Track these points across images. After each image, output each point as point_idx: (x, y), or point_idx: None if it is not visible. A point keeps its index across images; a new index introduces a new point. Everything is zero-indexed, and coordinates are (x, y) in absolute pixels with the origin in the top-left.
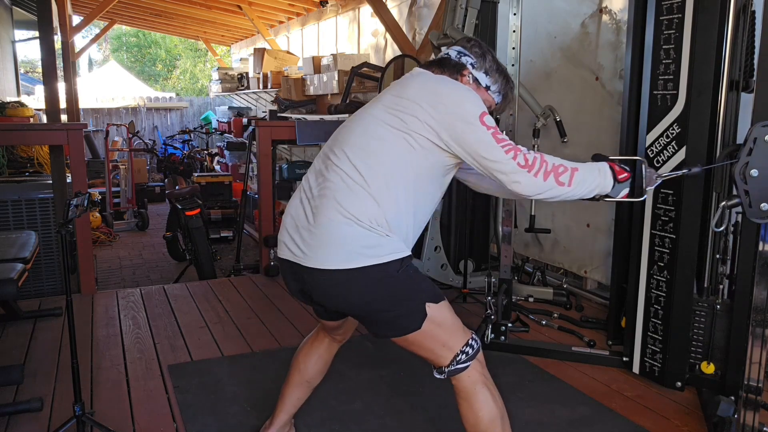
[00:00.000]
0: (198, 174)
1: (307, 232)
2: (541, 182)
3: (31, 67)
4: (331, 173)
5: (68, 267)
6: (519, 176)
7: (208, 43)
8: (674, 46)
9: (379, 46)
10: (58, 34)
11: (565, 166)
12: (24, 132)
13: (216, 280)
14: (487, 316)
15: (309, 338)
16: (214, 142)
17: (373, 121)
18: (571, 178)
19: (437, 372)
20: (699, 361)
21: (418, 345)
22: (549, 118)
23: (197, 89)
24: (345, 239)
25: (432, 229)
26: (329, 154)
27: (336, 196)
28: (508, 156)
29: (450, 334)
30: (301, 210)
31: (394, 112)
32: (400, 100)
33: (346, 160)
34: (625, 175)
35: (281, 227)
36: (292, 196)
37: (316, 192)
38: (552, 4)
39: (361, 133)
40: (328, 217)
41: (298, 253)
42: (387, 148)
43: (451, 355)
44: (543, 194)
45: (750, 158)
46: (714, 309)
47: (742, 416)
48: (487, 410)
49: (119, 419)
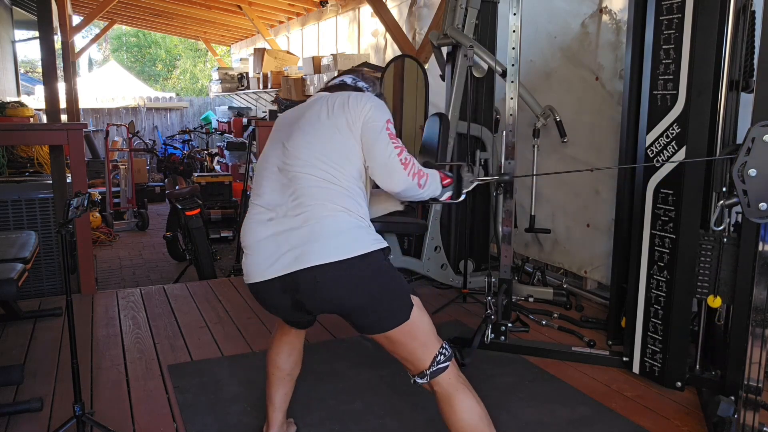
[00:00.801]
0: (198, 174)
1: (300, 230)
2: (410, 181)
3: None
4: (302, 181)
5: (68, 267)
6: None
7: (208, 43)
8: (674, 46)
9: (379, 46)
10: (58, 34)
11: (423, 170)
12: (24, 132)
13: (216, 280)
14: (487, 316)
15: (275, 334)
16: (214, 142)
17: (320, 130)
18: (426, 182)
19: (419, 377)
20: (705, 296)
21: (401, 345)
22: (549, 118)
23: (197, 89)
24: (342, 229)
25: (432, 229)
26: (287, 168)
27: (318, 196)
28: (396, 152)
29: (427, 335)
30: (275, 226)
31: (332, 118)
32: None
33: (311, 166)
34: (448, 181)
35: (251, 257)
36: (248, 223)
37: (290, 204)
38: (552, 4)
39: (312, 140)
40: (319, 214)
41: (288, 262)
42: (342, 149)
43: (431, 356)
44: (405, 191)
45: (748, 158)
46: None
47: (742, 416)
48: (469, 411)
49: (119, 419)
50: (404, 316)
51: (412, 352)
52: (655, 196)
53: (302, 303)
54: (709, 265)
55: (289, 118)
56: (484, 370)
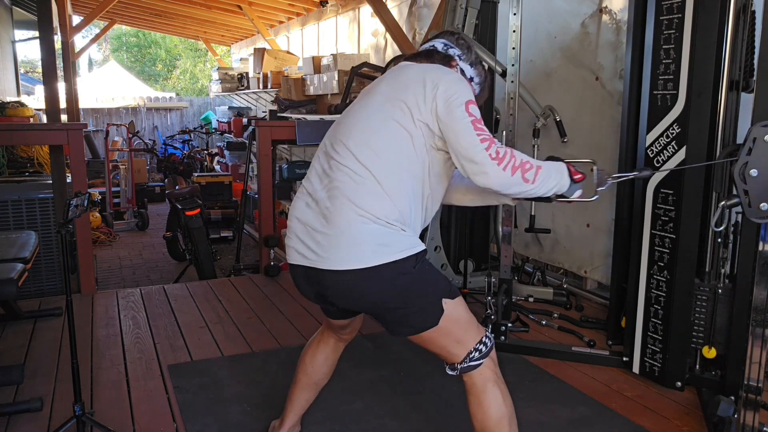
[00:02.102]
0: (198, 174)
1: (321, 235)
2: (509, 176)
3: (31, 67)
4: (337, 172)
5: (68, 267)
6: (488, 167)
7: (208, 43)
8: (674, 46)
9: (379, 46)
10: (58, 34)
11: (531, 163)
12: (24, 132)
13: (216, 280)
14: (487, 316)
15: (314, 339)
16: (214, 142)
17: (374, 114)
18: (536, 175)
19: (449, 368)
20: (700, 346)
21: (432, 342)
22: (549, 118)
23: (197, 89)
24: (362, 238)
25: (432, 229)
26: (331, 153)
27: (348, 195)
28: (483, 145)
29: (464, 331)
30: (310, 214)
31: (393, 101)
32: (397, 89)
33: (351, 157)
34: (579, 176)
35: (288, 232)
36: (295, 199)
37: (323, 194)
38: (552, 4)
39: (363, 127)
40: (344, 218)
41: (311, 257)
42: (392, 139)
43: (465, 352)
44: (509, 189)
45: (749, 158)
46: (716, 294)
47: (742, 416)
48: (495, 409)
49: (119, 419)
50: (430, 322)
51: (444, 347)
52: (655, 196)
53: (325, 296)
54: (704, 315)
55: (365, 91)
56: None
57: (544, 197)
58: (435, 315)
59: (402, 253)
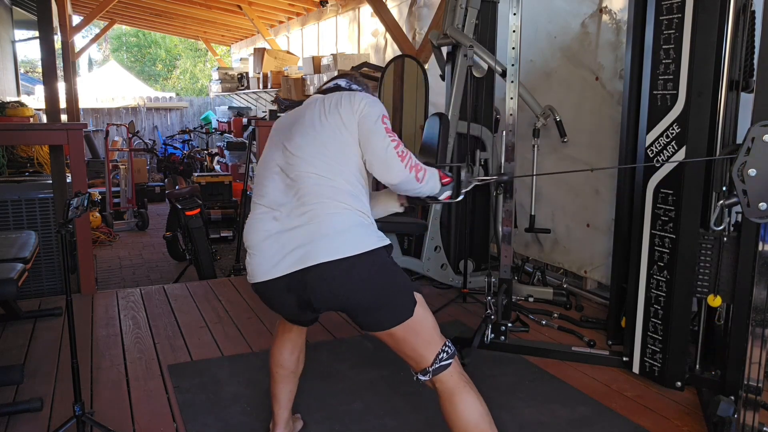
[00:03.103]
0: (198, 174)
1: (304, 232)
2: (407, 174)
3: (31, 67)
4: (305, 181)
5: (68, 267)
6: (395, 165)
7: (208, 43)
8: (674, 46)
9: (379, 46)
10: (58, 34)
11: (420, 165)
12: (24, 132)
13: (216, 280)
14: (487, 316)
15: (277, 333)
16: (214, 142)
17: (316, 130)
18: (424, 176)
19: (421, 374)
20: (705, 295)
21: (404, 341)
22: (549, 118)
23: (197, 89)
24: (348, 226)
25: (432, 229)
26: (288, 169)
27: (322, 194)
28: (392, 145)
29: (432, 331)
30: (280, 225)
31: (331, 118)
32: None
33: (312, 165)
34: (447, 180)
35: (255, 252)
36: (254, 222)
37: (294, 203)
38: (552, 4)
39: (310, 141)
40: (324, 211)
41: (294, 260)
42: (339, 147)
43: (434, 353)
44: (405, 185)
45: (748, 158)
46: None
47: (742, 416)
48: (471, 409)
49: (119, 419)
50: (408, 313)
51: (415, 349)
52: (655, 196)
53: (309, 301)
54: (709, 264)
55: (287, 120)
56: (484, 370)
57: (419, 198)
58: (410, 305)
59: (378, 242)
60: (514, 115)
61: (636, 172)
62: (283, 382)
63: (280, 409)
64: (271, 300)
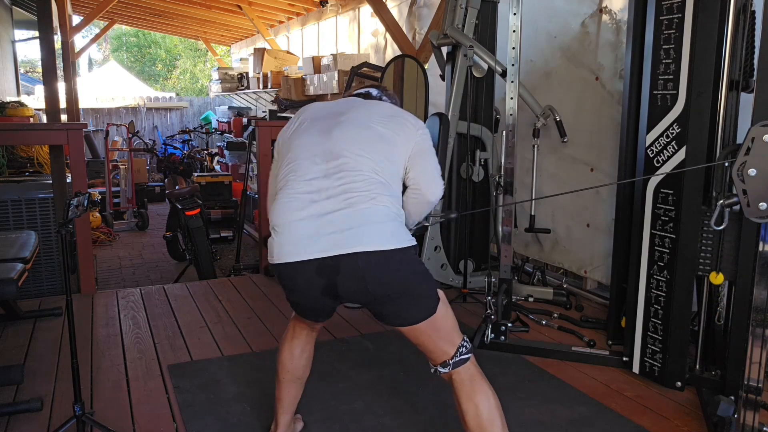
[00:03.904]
0: (198, 174)
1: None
2: (441, 189)
3: (31, 67)
4: (351, 169)
5: (68, 267)
6: (439, 184)
7: (208, 43)
8: (674, 46)
9: (379, 46)
10: (58, 34)
11: None
12: (24, 132)
13: (216, 280)
14: (487, 316)
15: (287, 336)
16: (214, 142)
17: (371, 129)
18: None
19: (441, 366)
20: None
21: (426, 336)
22: (549, 118)
23: (197, 89)
24: (390, 220)
25: (432, 229)
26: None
27: (366, 185)
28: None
29: (453, 326)
30: (318, 208)
31: (384, 126)
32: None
33: (361, 158)
34: None
35: (282, 235)
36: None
37: (337, 188)
38: (552, 4)
39: (364, 138)
40: (370, 203)
41: (331, 244)
42: (388, 153)
43: (454, 347)
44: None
45: (748, 158)
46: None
47: (742, 416)
48: (486, 402)
49: (119, 419)
50: (432, 310)
51: (437, 344)
52: (655, 196)
53: (336, 287)
54: (711, 241)
55: (325, 111)
56: (484, 370)
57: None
58: (435, 302)
59: (410, 241)
60: (514, 115)
61: (636, 173)
62: (288, 387)
63: (283, 414)
64: (294, 283)
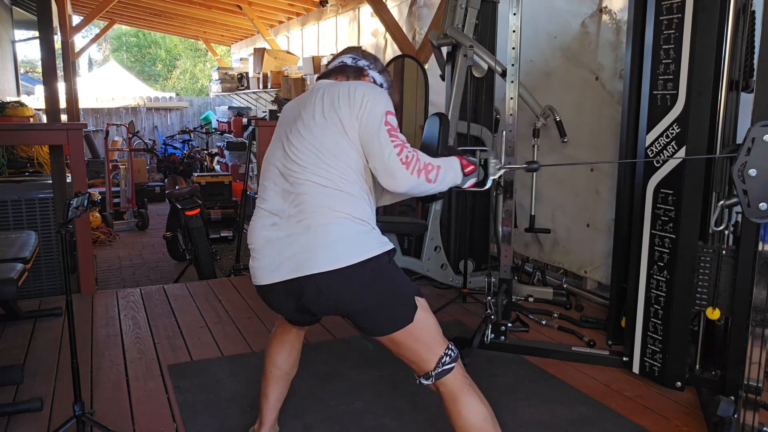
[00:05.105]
0: (198, 174)
1: (302, 239)
2: (415, 179)
3: (31, 67)
4: (302, 187)
5: (68, 267)
6: (397, 172)
7: (208, 43)
8: (674, 46)
9: (379, 46)
10: (58, 34)
11: (432, 164)
12: (24, 132)
13: (216, 280)
14: (487, 316)
15: (275, 333)
16: (214, 142)
17: (316, 131)
18: (437, 176)
19: (424, 378)
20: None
21: (405, 346)
22: (549, 118)
23: (197, 89)
24: (343, 236)
25: (432, 229)
26: (286, 173)
27: (320, 202)
28: (395, 151)
29: (434, 336)
30: (283, 228)
31: (329, 116)
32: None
33: (308, 173)
34: (471, 168)
35: (256, 255)
36: (254, 223)
37: (292, 211)
38: (552, 4)
39: (309, 145)
40: (321, 221)
41: (291, 267)
42: (338, 150)
43: (436, 357)
44: (414, 190)
45: (748, 158)
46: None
47: (742, 416)
48: (475, 411)
49: (119, 419)
50: (407, 320)
51: (416, 354)
52: (655, 196)
53: (306, 305)
54: (707, 277)
55: (291, 111)
56: (484, 370)
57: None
58: (410, 311)
59: (378, 248)
60: (514, 115)
61: (636, 172)
62: (276, 383)
63: (269, 410)
64: (272, 303)
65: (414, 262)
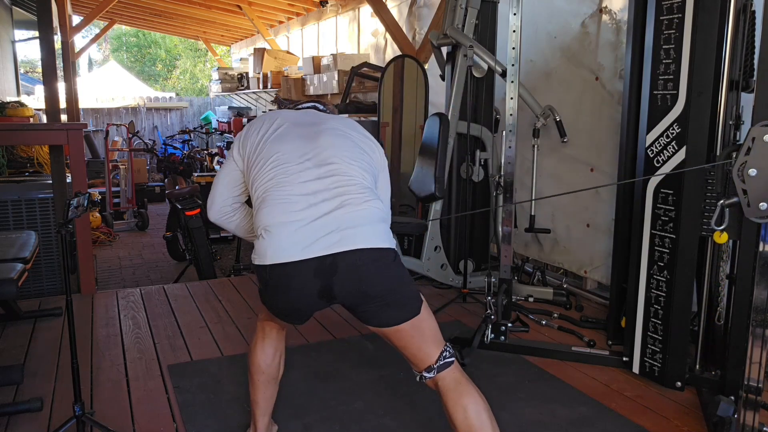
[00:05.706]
0: (198, 174)
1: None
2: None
3: (31, 67)
4: (343, 174)
5: (68, 267)
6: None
7: (208, 43)
8: (674, 46)
9: (379, 46)
10: (58, 34)
11: None
12: (24, 132)
13: (216, 280)
14: (487, 316)
15: (257, 338)
16: (214, 142)
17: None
18: None
19: (426, 371)
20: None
21: (414, 337)
22: (549, 118)
23: (197, 89)
24: (380, 218)
25: (432, 229)
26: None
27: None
28: None
29: (436, 330)
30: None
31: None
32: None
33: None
34: None
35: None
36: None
37: (333, 191)
38: (552, 4)
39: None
40: (362, 201)
41: (331, 243)
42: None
43: (438, 351)
44: None
45: (748, 158)
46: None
47: (742, 416)
48: (474, 405)
49: (119, 419)
50: (416, 310)
51: (421, 347)
52: (655, 196)
53: (331, 288)
54: (715, 199)
55: (301, 119)
56: (484, 370)
57: None
58: (419, 302)
59: (394, 243)
60: (514, 115)
61: (636, 173)
62: (264, 389)
63: (261, 416)
64: (289, 285)
65: (414, 262)
